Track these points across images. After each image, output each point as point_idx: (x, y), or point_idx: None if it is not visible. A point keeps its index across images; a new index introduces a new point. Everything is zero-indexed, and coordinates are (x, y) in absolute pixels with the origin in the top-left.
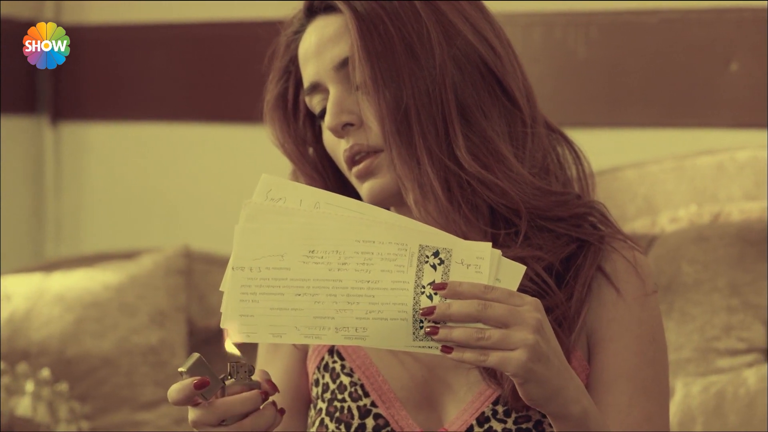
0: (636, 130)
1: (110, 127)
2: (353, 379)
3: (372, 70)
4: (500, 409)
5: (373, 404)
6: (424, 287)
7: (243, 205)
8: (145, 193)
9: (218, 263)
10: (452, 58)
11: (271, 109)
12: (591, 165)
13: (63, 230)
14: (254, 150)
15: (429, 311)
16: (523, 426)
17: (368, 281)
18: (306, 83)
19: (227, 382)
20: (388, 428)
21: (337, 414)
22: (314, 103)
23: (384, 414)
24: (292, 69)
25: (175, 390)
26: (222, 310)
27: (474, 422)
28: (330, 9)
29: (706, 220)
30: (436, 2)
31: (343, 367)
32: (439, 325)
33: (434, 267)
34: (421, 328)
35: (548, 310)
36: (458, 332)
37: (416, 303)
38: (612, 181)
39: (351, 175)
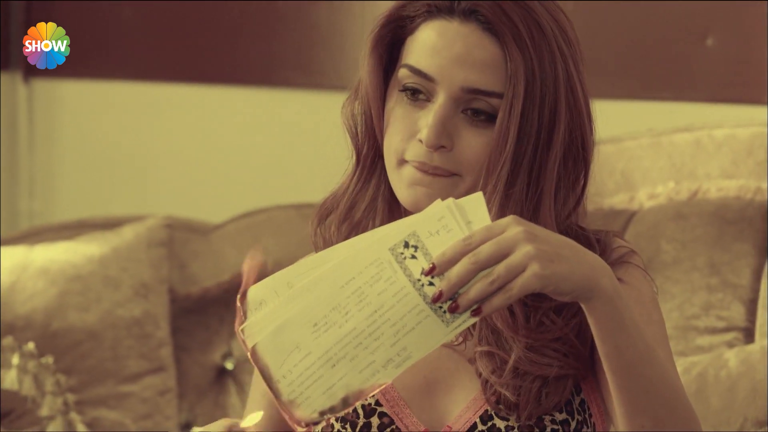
0: (610, 101)
1: (85, 84)
2: None
3: (512, 129)
4: (503, 406)
5: (377, 403)
6: (420, 280)
7: (239, 340)
8: (121, 152)
9: (199, 231)
10: (565, 131)
11: (371, 47)
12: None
13: (37, 186)
14: (234, 112)
15: (438, 296)
16: (526, 423)
17: (375, 311)
18: (419, 66)
19: None
20: (393, 426)
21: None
22: (410, 80)
23: (389, 413)
24: (404, 24)
25: None
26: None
27: (477, 420)
28: (486, 29)
29: (684, 196)
30: (569, 69)
31: None
32: (455, 298)
33: (414, 257)
34: (444, 312)
35: (556, 340)
36: (473, 291)
37: (425, 297)
38: None
39: (399, 171)
